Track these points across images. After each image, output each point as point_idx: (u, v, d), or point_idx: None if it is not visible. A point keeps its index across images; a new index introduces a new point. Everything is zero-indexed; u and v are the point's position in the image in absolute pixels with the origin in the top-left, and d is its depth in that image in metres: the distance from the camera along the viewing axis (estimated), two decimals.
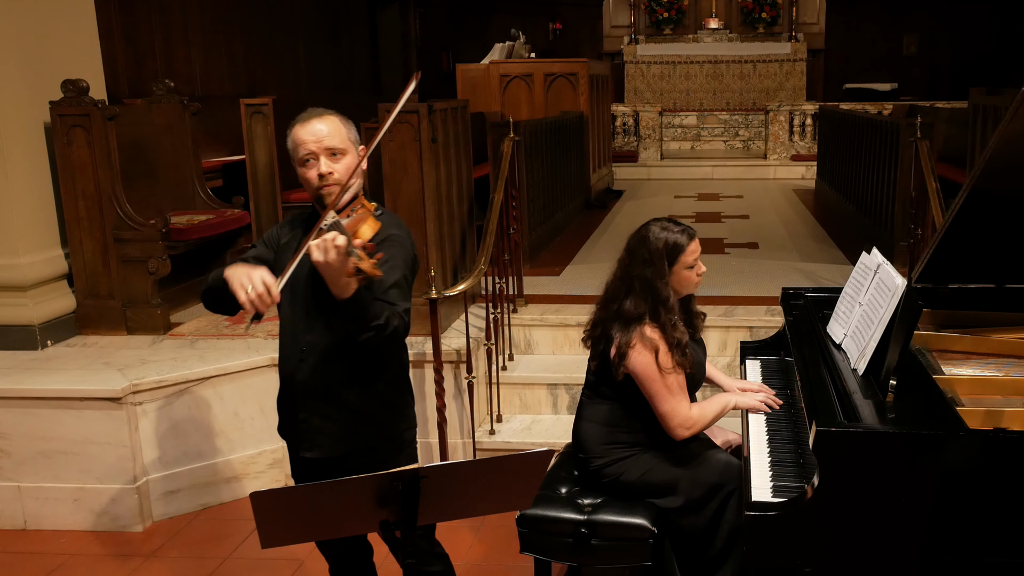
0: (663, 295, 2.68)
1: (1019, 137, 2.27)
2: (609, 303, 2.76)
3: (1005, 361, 2.57)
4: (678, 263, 2.71)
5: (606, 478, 2.78)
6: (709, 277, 5.76)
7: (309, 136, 2.33)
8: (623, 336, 2.67)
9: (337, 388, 2.40)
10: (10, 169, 4.33)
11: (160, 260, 4.58)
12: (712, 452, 2.82)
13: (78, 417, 3.81)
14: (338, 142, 2.34)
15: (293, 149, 2.36)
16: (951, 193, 3.31)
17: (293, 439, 2.50)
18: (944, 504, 1.97)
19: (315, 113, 2.37)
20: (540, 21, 15.49)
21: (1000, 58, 14.15)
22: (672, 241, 2.70)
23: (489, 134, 5.35)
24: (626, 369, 2.68)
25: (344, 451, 2.44)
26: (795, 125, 12.08)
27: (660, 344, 2.66)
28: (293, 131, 2.36)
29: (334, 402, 2.41)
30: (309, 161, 2.33)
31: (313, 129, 2.33)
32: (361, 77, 13.15)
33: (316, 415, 2.42)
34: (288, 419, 2.51)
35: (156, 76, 7.59)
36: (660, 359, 2.64)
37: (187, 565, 3.62)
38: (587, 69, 8.78)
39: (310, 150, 2.32)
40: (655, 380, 2.66)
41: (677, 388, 2.68)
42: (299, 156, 2.35)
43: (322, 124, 2.34)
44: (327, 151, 2.33)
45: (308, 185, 2.36)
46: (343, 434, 2.44)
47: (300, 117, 2.38)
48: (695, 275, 2.76)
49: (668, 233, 2.71)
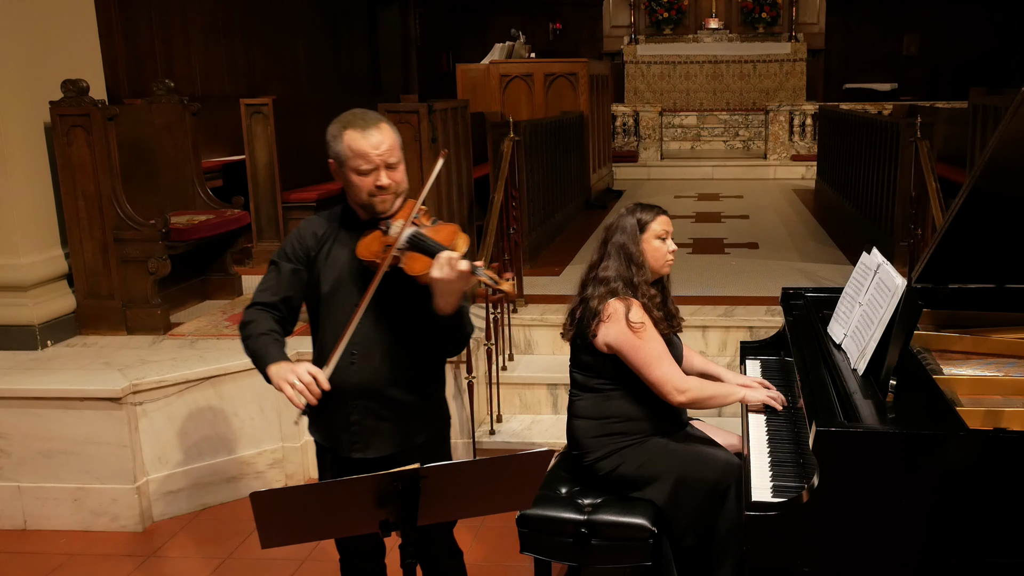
0: (637, 258, 2.79)
1: (1019, 137, 2.27)
2: (587, 272, 2.88)
3: (1005, 361, 2.57)
4: (648, 231, 2.82)
5: (603, 472, 2.78)
6: (709, 277, 5.83)
7: (370, 149, 2.29)
8: (599, 301, 2.75)
9: (390, 387, 2.41)
10: (10, 169, 4.33)
11: (160, 260, 4.58)
12: (713, 449, 2.82)
13: (78, 417, 3.81)
14: (396, 155, 2.34)
15: (348, 157, 2.31)
16: (951, 193, 3.31)
17: (345, 441, 2.47)
18: (944, 504, 1.97)
19: (369, 120, 2.33)
20: (540, 21, 15.50)
21: (1000, 58, 14.15)
22: (642, 213, 2.86)
23: (489, 134, 5.35)
24: (604, 340, 2.72)
25: (396, 449, 2.46)
26: (795, 125, 12.08)
27: (632, 304, 2.72)
28: (349, 139, 2.30)
29: (388, 401, 2.42)
30: (364, 169, 2.31)
31: (374, 142, 2.29)
32: (361, 77, 13.15)
33: (370, 416, 2.43)
34: (337, 422, 2.47)
35: (156, 76, 7.59)
36: (631, 316, 2.69)
37: (187, 565, 3.62)
38: (587, 69, 8.78)
39: (373, 163, 2.30)
40: (636, 347, 2.69)
41: (661, 353, 2.72)
42: (356, 166, 2.31)
43: (380, 135, 2.30)
44: (385, 163, 2.32)
45: (357, 191, 2.33)
46: (396, 432, 2.46)
47: (351, 122, 2.32)
48: (666, 250, 2.84)
49: (640, 208, 2.88)
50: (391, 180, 2.32)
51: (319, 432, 2.55)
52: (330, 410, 2.43)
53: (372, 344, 2.37)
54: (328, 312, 2.42)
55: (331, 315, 2.41)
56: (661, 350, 2.72)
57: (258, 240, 6.21)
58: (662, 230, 2.83)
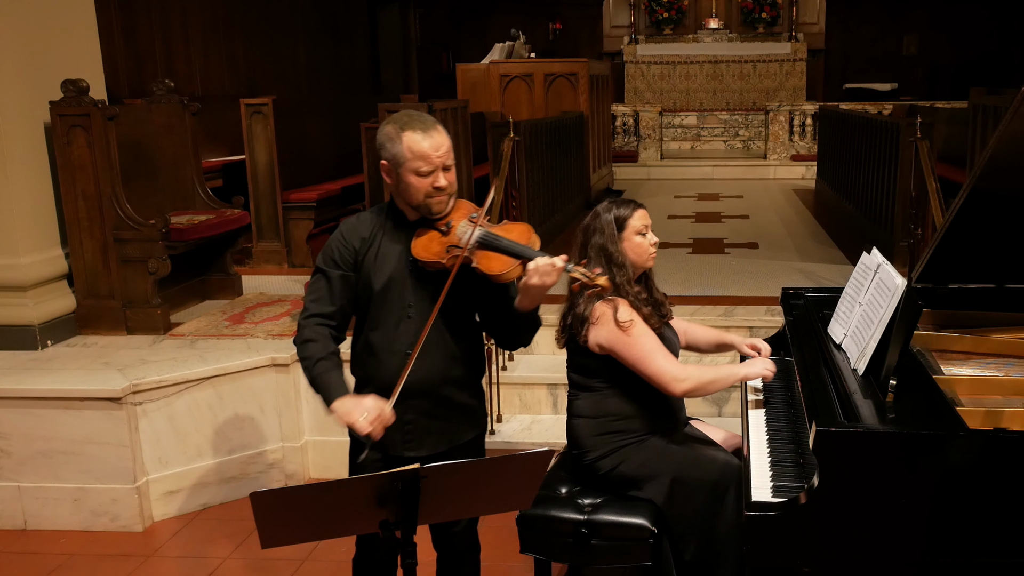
0: (617, 259, 2.76)
1: (1019, 137, 2.27)
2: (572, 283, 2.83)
3: (1005, 361, 2.57)
4: (627, 228, 2.78)
5: (603, 471, 2.78)
6: (709, 277, 5.82)
7: (432, 151, 2.33)
8: (585, 306, 2.75)
9: (445, 386, 2.46)
10: (10, 169, 4.33)
11: (160, 260, 4.58)
12: (713, 449, 2.82)
13: (78, 417, 3.81)
14: (452, 158, 2.39)
15: (408, 159, 2.33)
16: (951, 193, 3.31)
17: (397, 440, 2.47)
18: (944, 504, 1.97)
19: (427, 123, 2.36)
20: (540, 21, 15.49)
21: (1000, 58, 14.15)
22: (620, 209, 2.81)
23: (489, 134, 5.35)
24: (596, 342, 2.72)
25: (447, 447, 2.50)
26: (795, 125, 12.08)
27: (618, 304, 2.70)
28: (409, 140, 2.32)
29: (442, 400, 2.46)
30: (424, 171, 2.33)
31: (436, 144, 2.33)
32: (361, 77, 13.15)
33: (423, 415, 2.46)
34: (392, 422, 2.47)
35: (156, 76, 7.58)
36: (619, 316, 2.68)
37: (187, 565, 3.62)
38: (587, 69, 8.79)
39: (434, 165, 2.33)
40: (628, 344, 2.69)
41: (654, 347, 2.71)
42: (416, 167, 2.33)
43: (440, 137, 2.35)
44: (443, 165, 2.35)
45: (415, 192, 2.36)
46: (447, 430, 2.51)
47: (410, 124, 2.34)
48: (648, 244, 2.81)
49: (615, 206, 2.83)
50: (448, 182, 2.36)
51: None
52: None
53: (429, 344, 2.38)
54: (379, 311, 2.44)
55: (382, 314, 2.44)
56: (654, 344, 2.72)
57: (258, 240, 6.21)
58: (642, 225, 2.80)
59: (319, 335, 2.43)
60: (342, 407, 2.32)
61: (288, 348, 4.24)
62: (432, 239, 2.38)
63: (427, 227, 2.40)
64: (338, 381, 2.39)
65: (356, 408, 2.29)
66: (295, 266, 6.17)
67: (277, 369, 4.17)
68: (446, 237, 2.37)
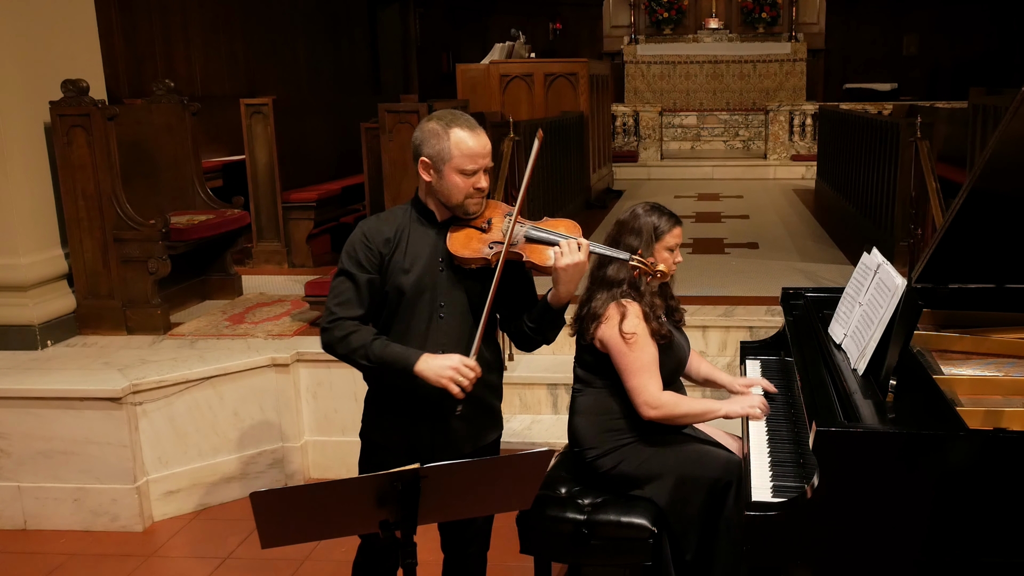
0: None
1: (1019, 137, 2.26)
2: (595, 271, 2.84)
3: (1005, 361, 2.57)
4: (662, 240, 2.78)
5: (604, 469, 2.78)
6: (709, 277, 5.82)
7: (480, 151, 2.33)
8: (601, 304, 2.74)
9: (475, 385, 2.39)
10: (10, 169, 4.33)
11: (160, 260, 4.58)
12: (714, 449, 2.82)
13: (78, 417, 3.81)
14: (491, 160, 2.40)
15: (454, 157, 2.31)
16: (951, 193, 3.31)
17: (427, 443, 2.45)
18: (944, 504, 1.97)
19: (472, 122, 2.36)
20: (540, 21, 15.50)
21: (1000, 58, 14.15)
22: (660, 220, 2.80)
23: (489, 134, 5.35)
24: (600, 338, 2.72)
25: (472, 448, 2.49)
26: (795, 125, 12.08)
27: (628, 309, 2.70)
28: (457, 138, 2.31)
29: (471, 400, 2.39)
30: (469, 170, 2.32)
31: (483, 143, 2.34)
32: (361, 77, 13.15)
33: (459, 417, 2.41)
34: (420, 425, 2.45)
35: (156, 76, 7.59)
36: (624, 327, 2.68)
37: (187, 565, 3.62)
38: (587, 69, 8.79)
39: (479, 165, 2.33)
40: (623, 352, 2.70)
41: (647, 363, 2.70)
42: (463, 166, 2.31)
43: (485, 139, 2.36)
44: (486, 167, 2.36)
45: (455, 191, 2.33)
46: (475, 430, 2.50)
47: (456, 122, 2.33)
48: (672, 261, 2.80)
49: (657, 213, 2.81)
50: (487, 183, 2.36)
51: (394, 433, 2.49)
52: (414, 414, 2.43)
53: (459, 343, 2.38)
54: (409, 312, 2.40)
55: (414, 313, 2.40)
56: (647, 362, 2.71)
57: (258, 240, 6.21)
58: (674, 243, 2.79)
59: (356, 327, 2.36)
60: (430, 367, 2.28)
61: (288, 348, 4.24)
62: (471, 236, 2.36)
63: (461, 225, 2.38)
64: (404, 348, 2.33)
65: (446, 367, 2.26)
66: (295, 266, 6.17)
67: (277, 369, 4.17)
68: (487, 234, 2.36)
